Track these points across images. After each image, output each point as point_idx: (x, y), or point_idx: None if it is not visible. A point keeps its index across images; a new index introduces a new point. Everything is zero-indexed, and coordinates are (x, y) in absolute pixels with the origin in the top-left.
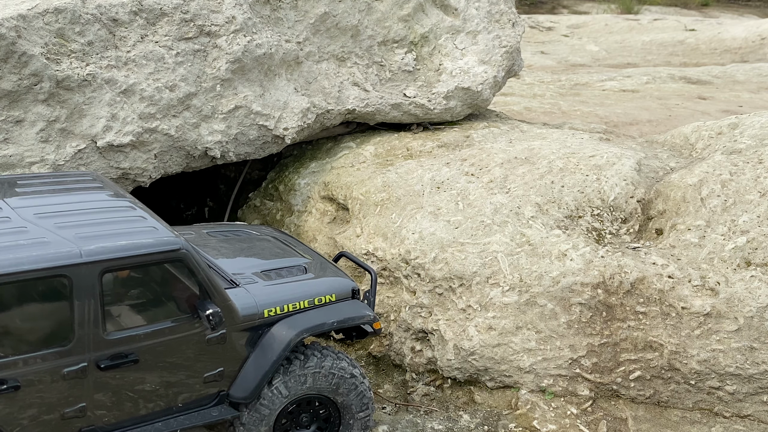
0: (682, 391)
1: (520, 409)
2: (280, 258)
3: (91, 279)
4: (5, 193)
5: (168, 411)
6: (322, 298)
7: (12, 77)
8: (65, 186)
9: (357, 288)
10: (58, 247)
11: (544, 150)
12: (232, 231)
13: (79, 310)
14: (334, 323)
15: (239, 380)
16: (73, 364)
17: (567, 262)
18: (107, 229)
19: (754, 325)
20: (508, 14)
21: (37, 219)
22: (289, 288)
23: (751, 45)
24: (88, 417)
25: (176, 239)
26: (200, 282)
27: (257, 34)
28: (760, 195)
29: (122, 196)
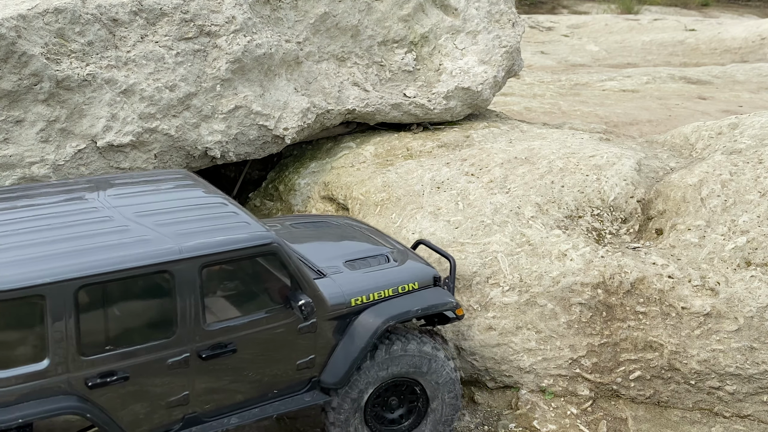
0: (682, 391)
1: (520, 409)
2: (363, 247)
3: (192, 274)
4: (104, 193)
5: (263, 397)
6: (406, 286)
7: (12, 77)
8: (160, 185)
9: (439, 275)
10: (160, 244)
11: (544, 150)
12: (313, 222)
13: (181, 303)
14: (418, 310)
15: (329, 367)
16: (177, 355)
17: (567, 262)
18: (203, 226)
19: (754, 325)
20: (508, 14)
21: (138, 218)
22: (374, 277)
23: (751, 45)
24: (190, 404)
25: (268, 233)
26: (291, 273)
27: (257, 34)
28: (760, 195)
29: (215, 193)
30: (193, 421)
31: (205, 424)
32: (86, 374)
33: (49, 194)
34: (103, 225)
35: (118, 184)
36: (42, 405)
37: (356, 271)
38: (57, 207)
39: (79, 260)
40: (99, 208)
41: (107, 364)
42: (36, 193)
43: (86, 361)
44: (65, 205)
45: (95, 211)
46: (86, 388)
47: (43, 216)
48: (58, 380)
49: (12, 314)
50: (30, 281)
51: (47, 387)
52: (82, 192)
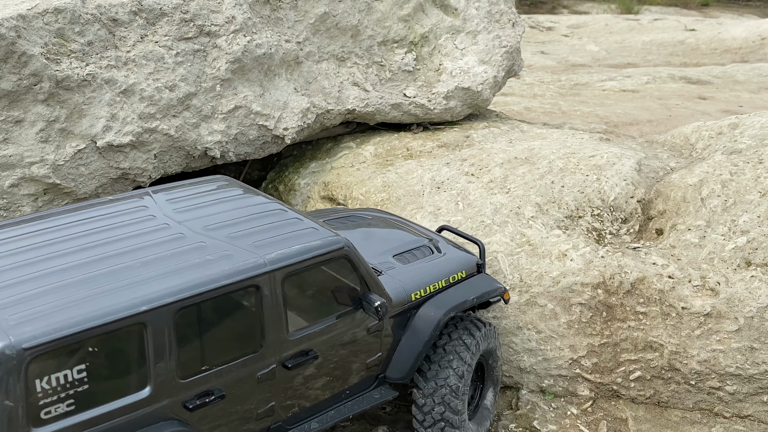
0: (683, 392)
1: (520, 410)
2: (405, 239)
3: (276, 285)
4: (160, 209)
5: (337, 399)
6: (456, 276)
7: (12, 77)
8: (213, 195)
9: (481, 262)
10: (243, 258)
11: (544, 150)
12: (346, 217)
13: (267, 315)
14: (474, 299)
15: (395, 362)
16: (265, 367)
17: (567, 262)
18: (276, 236)
19: (754, 325)
20: (508, 14)
21: (209, 232)
22: (426, 269)
23: (751, 45)
24: (275, 414)
25: (340, 238)
26: (362, 275)
27: (257, 34)
28: (760, 195)
29: (270, 200)
30: (277, 430)
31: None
32: (185, 397)
33: (108, 215)
34: (180, 243)
35: (172, 198)
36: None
37: (408, 265)
38: (127, 227)
39: (172, 283)
40: (168, 225)
41: (204, 385)
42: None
43: (185, 384)
44: (134, 224)
45: (167, 229)
46: (185, 410)
47: (117, 238)
48: (159, 406)
49: (113, 344)
50: (130, 310)
51: (149, 414)
52: (142, 208)
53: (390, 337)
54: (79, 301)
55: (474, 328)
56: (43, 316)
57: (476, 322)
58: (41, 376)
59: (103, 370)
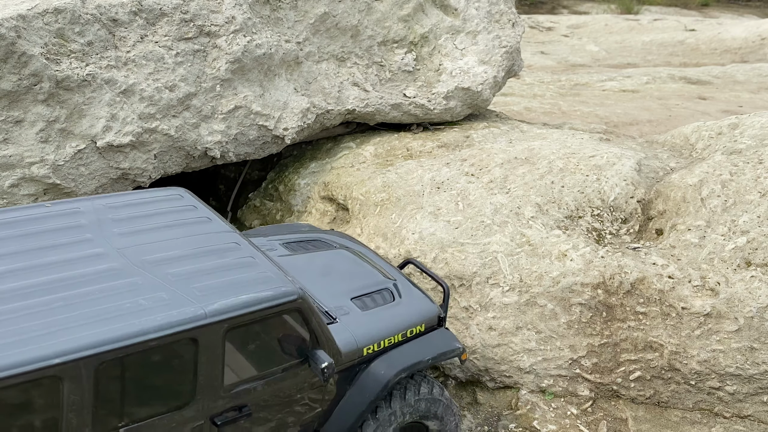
0: (683, 392)
1: (520, 410)
2: (368, 279)
3: (216, 338)
4: (100, 229)
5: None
6: (413, 330)
7: (12, 77)
8: (163, 217)
9: (443, 314)
10: (181, 307)
11: (544, 150)
12: (308, 241)
13: (202, 369)
14: (429, 360)
15: (334, 419)
16: (192, 423)
17: (567, 262)
18: (224, 279)
19: (754, 325)
20: (508, 14)
21: (149, 267)
22: (384, 319)
23: (751, 45)
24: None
25: (294, 289)
26: (313, 329)
27: (257, 34)
28: (760, 195)
29: (227, 229)
30: None
31: None
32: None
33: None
34: (113, 280)
35: (116, 216)
36: None
37: (365, 313)
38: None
39: (95, 332)
40: (104, 254)
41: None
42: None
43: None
44: (66, 248)
45: (102, 258)
46: None
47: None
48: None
49: (24, 398)
50: (43, 362)
51: None
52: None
53: (333, 392)
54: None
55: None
56: None
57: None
58: None
59: (11, 426)
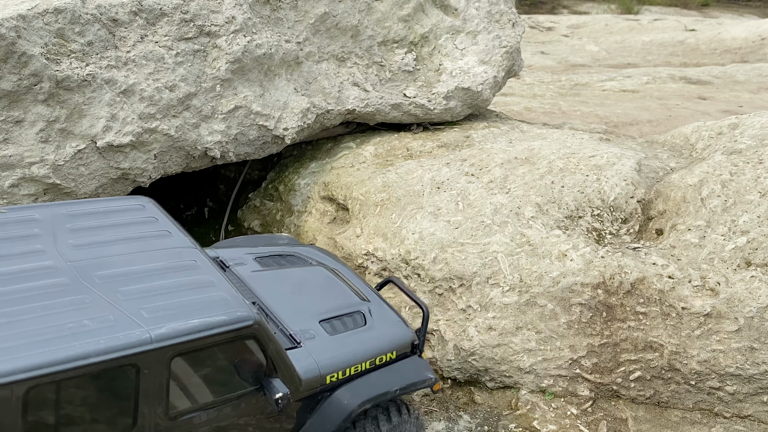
0: (683, 392)
1: (520, 410)
2: (339, 300)
3: (161, 365)
4: (54, 239)
5: None
6: (383, 357)
7: (12, 77)
8: (122, 229)
9: (416, 340)
10: (126, 329)
11: (544, 150)
12: (281, 255)
13: (144, 397)
14: (396, 391)
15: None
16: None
17: (567, 262)
18: (176, 301)
19: (754, 325)
20: (508, 14)
21: (99, 283)
22: (352, 345)
23: (751, 45)
24: None
25: (249, 314)
26: (270, 356)
27: (257, 34)
28: (760, 195)
29: (188, 245)
30: None
31: None
32: None
33: None
34: (59, 296)
35: (74, 225)
36: None
37: (332, 337)
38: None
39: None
40: (54, 267)
41: None
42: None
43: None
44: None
45: (51, 272)
46: None
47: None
48: None
49: None
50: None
51: None
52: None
53: (292, 422)
54: None
55: (394, 413)
56: None
57: (398, 406)
58: None
59: None
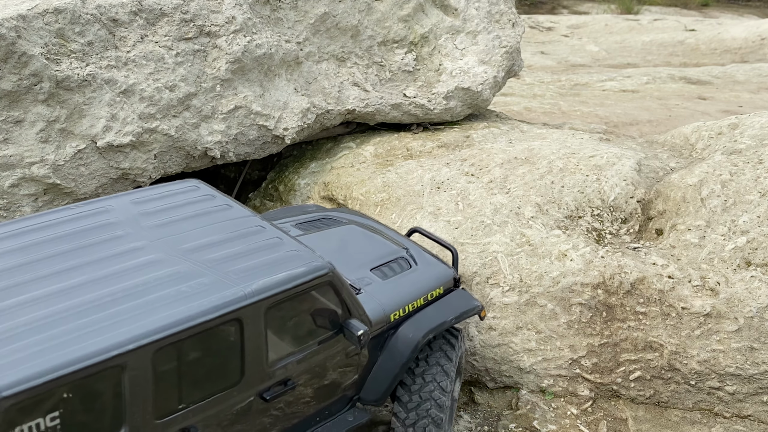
0: (682, 392)
1: (520, 410)
2: (382, 250)
3: (258, 317)
4: (132, 224)
5: (311, 423)
6: (433, 293)
7: (12, 77)
8: (187, 207)
9: (458, 275)
10: (224, 289)
11: (544, 150)
12: (319, 220)
13: (248, 348)
14: (452, 319)
15: (369, 384)
16: (243, 401)
17: (567, 262)
18: (258, 260)
19: (754, 325)
20: (508, 14)
21: (186, 255)
22: (405, 286)
23: (751, 45)
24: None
25: (324, 263)
26: (344, 300)
27: (257, 34)
28: (760, 195)
29: (248, 213)
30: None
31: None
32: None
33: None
34: (155, 270)
35: (143, 210)
36: None
37: (386, 282)
38: (97, 248)
39: (149, 321)
40: (142, 247)
41: (182, 423)
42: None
43: (161, 424)
44: (105, 244)
45: (140, 251)
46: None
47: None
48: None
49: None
50: (106, 354)
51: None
52: (111, 225)
53: (366, 359)
54: (54, 342)
55: (453, 339)
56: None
57: (454, 333)
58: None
59: (77, 415)
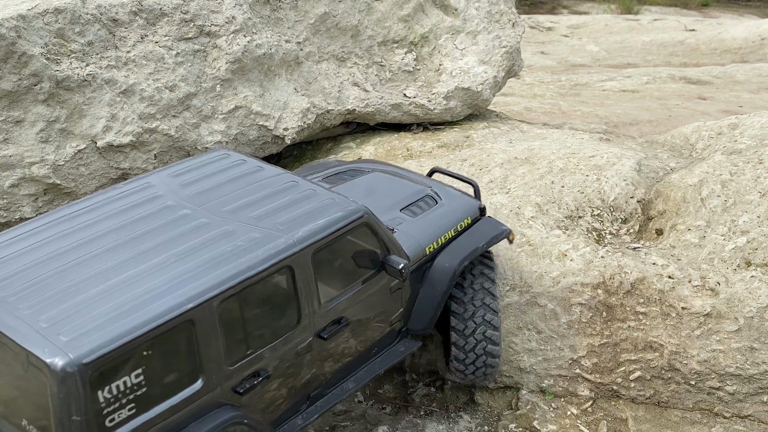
0: (683, 392)
1: (520, 410)
2: (408, 191)
3: (306, 262)
4: (175, 195)
5: (367, 357)
6: (462, 224)
7: (12, 77)
8: (222, 173)
9: (483, 206)
10: (273, 241)
11: (544, 150)
12: (343, 172)
13: (301, 292)
14: (484, 245)
15: (415, 315)
16: (303, 341)
17: (567, 262)
18: (298, 211)
19: (754, 325)
20: (508, 14)
21: (232, 215)
22: (435, 221)
23: (751, 45)
24: (315, 382)
25: (359, 206)
26: (382, 239)
27: (257, 34)
28: (760, 195)
29: (280, 172)
30: (317, 397)
31: (328, 396)
32: (235, 382)
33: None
34: (207, 231)
35: (182, 181)
36: (204, 425)
37: (417, 219)
38: (149, 219)
39: (211, 276)
40: (190, 213)
41: (251, 368)
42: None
43: (233, 371)
44: (155, 215)
45: (189, 217)
46: (236, 395)
47: (143, 233)
48: (212, 396)
49: (165, 345)
50: (177, 310)
51: (204, 404)
52: (156, 197)
53: (409, 292)
54: (126, 306)
55: (491, 262)
56: (96, 327)
57: (490, 257)
58: (102, 387)
59: (158, 370)
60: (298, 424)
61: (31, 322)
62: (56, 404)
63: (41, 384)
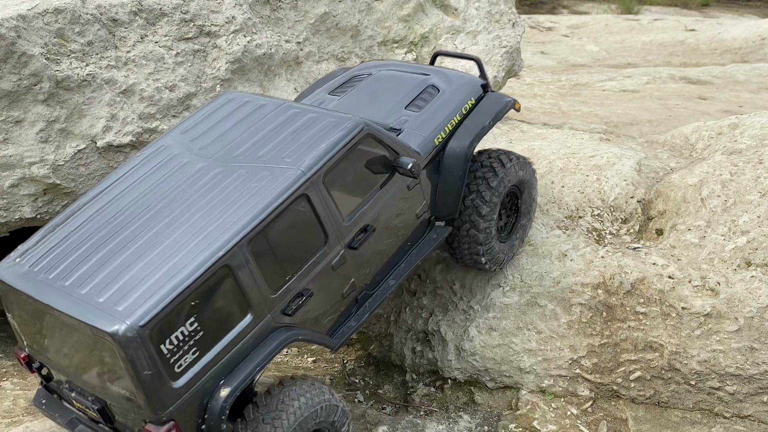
0: (683, 392)
1: (520, 410)
2: (408, 86)
3: (319, 186)
4: (189, 151)
5: (402, 252)
6: (467, 106)
7: (12, 77)
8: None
9: (485, 82)
10: (283, 175)
11: (544, 150)
12: (346, 81)
13: (321, 213)
14: (491, 122)
15: (440, 202)
16: (336, 255)
17: (567, 262)
18: (302, 140)
19: (754, 325)
20: (508, 14)
21: (242, 158)
22: (439, 111)
23: (751, 45)
24: (357, 287)
25: (358, 121)
26: (388, 145)
27: (257, 34)
28: (760, 195)
29: (282, 103)
30: (364, 299)
31: (374, 296)
32: (282, 307)
33: (146, 174)
34: (223, 179)
35: (192, 136)
36: (264, 349)
37: (421, 112)
38: (171, 180)
39: (235, 220)
40: (205, 166)
41: (293, 290)
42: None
43: (277, 297)
44: (174, 175)
45: (205, 169)
46: (286, 317)
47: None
48: (263, 323)
49: (209, 291)
50: (212, 258)
51: (258, 333)
52: (173, 157)
53: (428, 184)
54: (168, 264)
55: (505, 158)
56: (144, 292)
57: (507, 154)
58: (163, 340)
59: (209, 315)
60: (352, 326)
61: (90, 300)
62: (128, 364)
63: (112, 351)
